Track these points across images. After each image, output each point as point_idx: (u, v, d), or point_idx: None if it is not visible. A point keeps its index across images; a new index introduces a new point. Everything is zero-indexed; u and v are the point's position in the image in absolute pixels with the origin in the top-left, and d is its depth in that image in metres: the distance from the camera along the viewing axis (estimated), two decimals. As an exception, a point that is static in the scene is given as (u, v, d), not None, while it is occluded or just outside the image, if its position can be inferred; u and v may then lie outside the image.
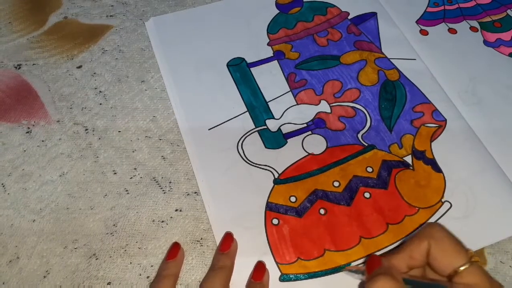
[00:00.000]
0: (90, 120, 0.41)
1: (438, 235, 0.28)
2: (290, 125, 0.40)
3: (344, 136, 0.39)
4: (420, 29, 0.46)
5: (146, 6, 0.49)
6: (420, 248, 0.28)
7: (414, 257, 0.28)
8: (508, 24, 0.47)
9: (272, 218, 0.35)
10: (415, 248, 0.28)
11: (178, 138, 0.40)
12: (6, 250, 0.34)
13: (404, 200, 0.35)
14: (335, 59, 0.44)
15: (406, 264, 0.29)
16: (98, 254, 0.34)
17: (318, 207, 0.35)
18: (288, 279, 0.32)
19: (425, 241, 0.28)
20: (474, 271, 0.26)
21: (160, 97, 0.42)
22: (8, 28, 0.48)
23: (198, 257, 0.34)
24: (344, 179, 0.36)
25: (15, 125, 0.41)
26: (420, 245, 0.28)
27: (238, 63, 0.44)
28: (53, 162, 0.39)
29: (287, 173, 0.37)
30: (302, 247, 0.33)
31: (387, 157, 0.37)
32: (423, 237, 0.28)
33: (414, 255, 0.28)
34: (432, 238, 0.28)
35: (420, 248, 0.28)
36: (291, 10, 0.48)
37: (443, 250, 0.27)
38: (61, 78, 0.44)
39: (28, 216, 0.36)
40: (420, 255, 0.28)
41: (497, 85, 0.42)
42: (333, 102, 0.41)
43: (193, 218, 0.36)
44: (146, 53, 0.46)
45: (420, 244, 0.28)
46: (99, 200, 0.37)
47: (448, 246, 0.27)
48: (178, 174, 0.38)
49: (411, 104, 0.40)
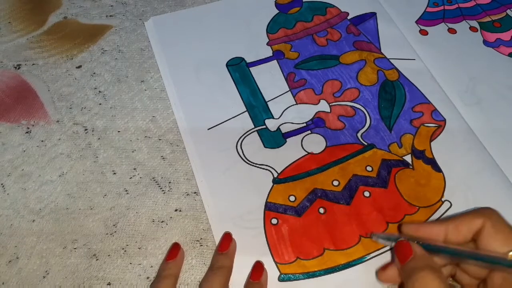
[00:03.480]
0: (89, 120, 0.41)
1: (496, 217, 0.28)
2: (289, 125, 0.40)
3: (344, 136, 0.39)
4: (420, 29, 0.46)
5: (146, 6, 0.49)
6: (472, 224, 0.28)
7: (461, 230, 0.28)
8: (507, 24, 0.47)
9: (271, 218, 0.35)
10: (466, 223, 0.28)
11: (178, 138, 0.40)
12: (6, 250, 0.34)
13: (404, 199, 0.35)
14: (335, 59, 0.44)
15: (444, 234, 0.28)
16: (98, 255, 0.34)
17: (318, 206, 0.35)
18: (287, 279, 0.32)
19: (481, 219, 0.28)
20: None
21: (160, 97, 0.42)
22: (7, 28, 0.48)
23: (198, 257, 0.34)
24: (343, 178, 0.36)
25: (15, 125, 0.41)
26: (473, 221, 0.28)
27: (238, 63, 0.44)
28: (52, 162, 0.39)
29: (286, 172, 0.37)
30: (301, 246, 0.33)
31: (387, 156, 0.37)
32: (480, 215, 0.28)
33: (462, 228, 0.28)
34: (489, 218, 0.28)
35: (472, 223, 0.28)
36: (291, 10, 0.48)
37: (498, 232, 0.27)
38: (60, 78, 0.44)
39: (27, 216, 0.36)
40: (468, 231, 0.28)
41: (497, 85, 0.42)
42: (332, 101, 0.41)
43: (193, 218, 0.36)
44: (145, 53, 0.46)
45: (474, 220, 0.28)
46: (98, 200, 0.37)
47: (504, 229, 0.27)
48: (178, 174, 0.38)
49: (411, 104, 0.40)
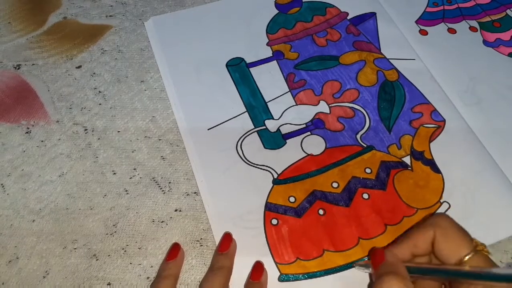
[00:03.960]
0: (89, 120, 0.41)
1: (444, 224, 0.28)
2: (289, 126, 0.40)
3: (343, 137, 0.39)
4: (420, 29, 0.46)
5: (146, 6, 0.49)
6: (425, 237, 0.28)
7: (419, 245, 0.28)
8: (507, 24, 0.47)
9: (271, 218, 0.35)
10: (420, 237, 0.28)
11: (178, 138, 0.40)
12: (6, 250, 0.34)
13: (402, 201, 0.35)
14: (334, 59, 0.44)
15: (410, 252, 0.29)
16: (98, 255, 0.34)
17: (317, 208, 0.35)
18: (287, 279, 0.32)
19: (431, 229, 0.28)
20: (479, 260, 0.26)
21: (160, 97, 0.42)
22: (7, 28, 0.48)
23: (198, 257, 0.34)
24: (343, 180, 0.36)
25: (15, 125, 0.41)
26: (425, 234, 0.28)
27: (237, 63, 0.44)
28: (52, 162, 0.39)
29: (286, 173, 0.37)
30: (301, 247, 0.33)
31: (386, 158, 0.37)
32: (429, 225, 0.28)
33: (418, 243, 0.28)
34: (438, 226, 0.28)
35: (425, 236, 0.28)
36: (290, 10, 0.48)
37: (448, 239, 0.27)
38: (60, 78, 0.44)
39: (27, 216, 0.36)
40: (424, 244, 0.28)
41: (497, 85, 0.42)
42: (332, 102, 0.41)
43: (193, 218, 0.36)
44: (145, 53, 0.46)
45: (426, 233, 0.28)
46: (98, 200, 0.37)
47: (454, 235, 0.27)
48: (178, 174, 0.38)
49: (410, 105, 0.40)
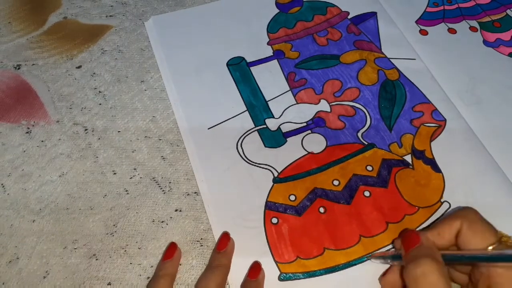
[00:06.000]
0: (89, 120, 0.41)
1: (471, 217, 0.28)
2: (289, 124, 0.40)
3: (344, 135, 0.39)
4: (420, 29, 0.46)
5: (146, 6, 0.49)
6: (451, 227, 0.28)
7: (443, 235, 0.28)
8: (507, 24, 0.47)
9: (271, 217, 0.35)
10: (446, 227, 0.28)
11: (178, 138, 0.40)
12: (6, 251, 0.34)
13: (404, 199, 0.35)
14: (335, 58, 0.44)
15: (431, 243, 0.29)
16: (98, 255, 0.34)
17: (318, 206, 0.35)
18: (287, 278, 0.32)
19: (458, 221, 0.28)
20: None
21: (160, 97, 0.42)
22: (7, 28, 0.48)
23: (198, 257, 0.34)
24: (343, 178, 0.36)
25: (15, 125, 0.41)
26: (452, 225, 0.28)
27: (238, 63, 0.44)
28: (52, 162, 0.39)
29: (287, 172, 0.37)
30: (301, 246, 0.33)
31: (387, 155, 0.37)
32: (456, 217, 0.28)
33: (443, 233, 0.28)
34: (465, 219, 0.28)
35: (451, 227, 0.28)
36: (291, 9, 0.48)
37: (475, 231, 0.27)
38: (60, 78, 0.44)
39: (27, 216, 0.36)
40: (449, 234, 0.28)
41: (497, 85, 0.42)
42: (332, 101, 0.41)
43: (193, 218, 0.36)
44: (145, 53, 0.46)
45: (452, 224, 0.28)
46: (98, 200, 0.37)
47: (480, 227, 0.28)
48: (178, 174, 0.38)
49: (411, 104, 0.40)
